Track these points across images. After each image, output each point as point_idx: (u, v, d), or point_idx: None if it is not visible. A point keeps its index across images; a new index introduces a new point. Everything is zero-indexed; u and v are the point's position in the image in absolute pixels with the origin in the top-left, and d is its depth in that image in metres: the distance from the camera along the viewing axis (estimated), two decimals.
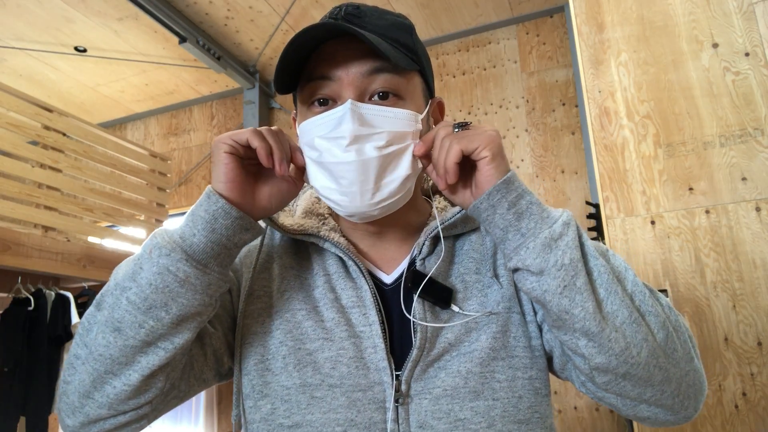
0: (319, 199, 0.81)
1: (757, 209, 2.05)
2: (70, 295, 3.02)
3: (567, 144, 4.01)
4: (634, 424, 2.06)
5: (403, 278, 0.73)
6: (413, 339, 0.68)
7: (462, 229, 0.77)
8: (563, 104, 4.08)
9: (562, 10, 4.20)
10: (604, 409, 3.37)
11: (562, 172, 3.97)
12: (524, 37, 4.32)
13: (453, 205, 0.81)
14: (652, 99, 2.26)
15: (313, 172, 0.68)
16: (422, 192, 0.84)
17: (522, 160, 4.10)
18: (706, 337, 2.02)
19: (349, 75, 0.66)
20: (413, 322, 0.69)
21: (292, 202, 0.83)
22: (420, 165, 0.70)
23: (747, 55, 2.16)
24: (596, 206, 3.45)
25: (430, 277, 0.70)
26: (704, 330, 2.03)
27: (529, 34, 4.31)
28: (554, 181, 3.98)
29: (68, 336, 2.95)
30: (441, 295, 0.70)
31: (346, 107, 0.65)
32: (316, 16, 4.21)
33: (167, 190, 4.25)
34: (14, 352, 2.78)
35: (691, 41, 2.25)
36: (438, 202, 0.81)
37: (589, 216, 3.66)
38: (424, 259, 0.74)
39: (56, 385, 2.89)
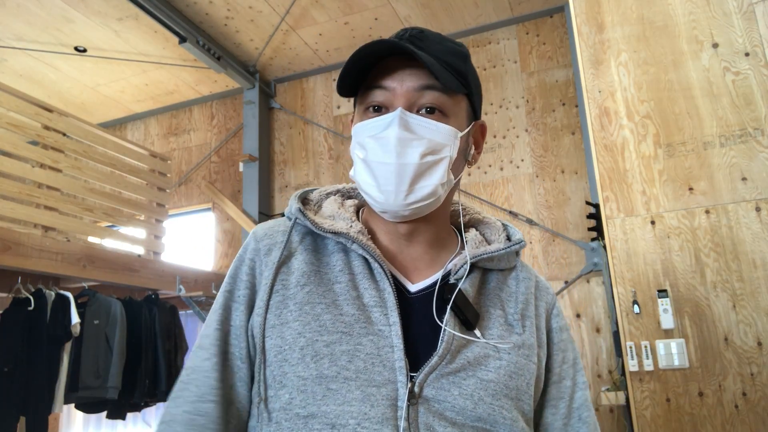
0: (343, 204, 0.86)
1: (757, 209, 2.05)
2: (70, 295, 3.02)
3: (567, 144, 4.01)
4: (635, 424, 2.06)
5: (437, 287, 0.77)
6: (438, 346, 0.71)
7: (495, 265, 0.82)
8: (563, 104, 4.08)
9: (562, 10, 4.20)
10: (604, 409, 3.37)
11: (562, 172, 3.97)
12: (524, 37, 4.32)
13: (486, 239, 0.87)
14: (652, 99, 2.26)
15: (359, 169, 0.76)
16: (451, 221, 0.88)
17: (522, 160, 4.10)
18: (706, 337, 2.02)
19: (402, 87, 0.75)
20: (443, 330, 0.72)
21: (315, 203, 0.87)
22: (453, 179, 0.78)
23: (747, 55, 2.16)
24: (596, 206, 3.45)
25: (464, 297, 0.75)
26: (704, 330, 2.03)
27: (529, 34, 4.31)
28: (554, 181, 3.98)
29: (68, 336, 2.95)
30: (469, 316, 0.74)
31: (395, 114, 0.73)
32: (316, 16, 4.21)
33: (167, 190, 4.26)
34: (14, 352, 2.78)
35: (691, 41, 2.25)
36: (474, 234, 0.86)
37: (589, 216, 3.67)
38: (458, 280, 0.77)
39: (56, 385, 2.89)
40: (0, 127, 3.06)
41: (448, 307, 0.73)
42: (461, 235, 0.85)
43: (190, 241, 5.15)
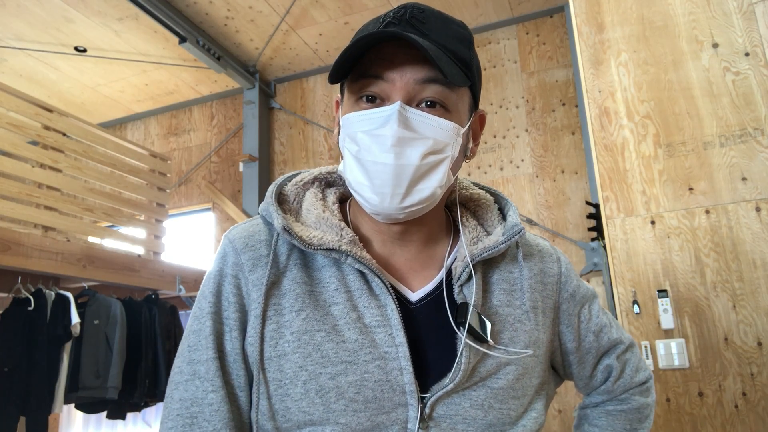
0: (325, 198, 0.78)
1: (757, 209, 2.05)
2: (70, 295, 3.02)
3: (567, 144, 4.01)
4: None
5: (444, 296, 0.73)
6: (453, 372, 0.68)
7: (494, 254, 0.76)
8: (563, 104, 4.08)
9: (562, 10, 4.20)
10: None
11: (562, 172, 3.97)
12: (524, 37, 4.32)
13: (480, 223, 0.81)
14: (652, 99, 2.26)
15: (350, 165, 0.69)
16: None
17: (522, 160, 4.10)
18: (706, 337, 2.02)
19: (403, 79, 0.67)
20: (459, 355, 0.69)
21: (293, 200, 0.79)
22: (452, 178, 0.72)
23: (747, 55, 2.16)
24: (596, 206, 3.45)
25: (476, 313, 0.71)
26: (704, 330, 2.03)
27: (529, 34, 4.31)
28: (554, 181, 3.98)
29: (68, 336, 2.95)
30: (482, 328, 0.71)
31: (394, 108, 0.66)
32: (316, 16, 4.21)
33: (167, 190, 4.25)
34: (14, 352, 2.78)
35: (691, 41, 2.25)
36: (467, 219, 0.80)
37: (589, 216, 3.67)
38: (462, 286, 0.73)
39: (56, 385, 2.89)
40: (0, 127, 3.06)
41: (464, 333, 0.68)
42: (454, 222, 0.80)
43: (190, 241, 5.15)
